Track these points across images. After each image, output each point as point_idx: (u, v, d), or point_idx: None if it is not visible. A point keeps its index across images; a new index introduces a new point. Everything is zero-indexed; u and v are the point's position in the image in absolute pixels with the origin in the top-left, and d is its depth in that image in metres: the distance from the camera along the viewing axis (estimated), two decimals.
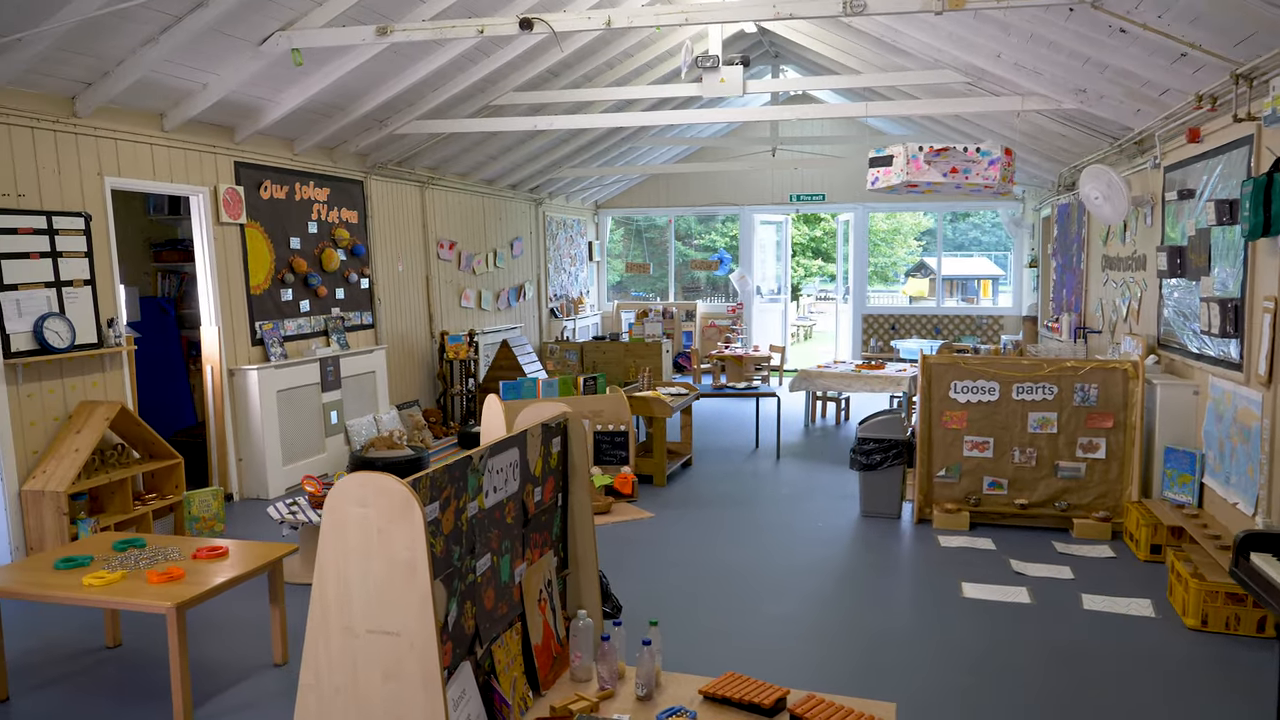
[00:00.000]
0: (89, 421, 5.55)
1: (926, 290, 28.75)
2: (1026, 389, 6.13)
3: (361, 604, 2.67)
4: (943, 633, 4.48)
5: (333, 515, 2.65)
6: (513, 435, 3.43)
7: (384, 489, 2.60)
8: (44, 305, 5.47)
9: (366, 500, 2.62)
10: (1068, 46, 5.70)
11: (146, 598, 3.53)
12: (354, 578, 2.66)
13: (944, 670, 4.08)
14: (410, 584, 2.61)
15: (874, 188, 6.92)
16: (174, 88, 6.04)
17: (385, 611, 2.64)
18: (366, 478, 2.62)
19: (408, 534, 2.60)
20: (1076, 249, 9.14)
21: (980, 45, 6.49)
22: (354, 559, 2.65)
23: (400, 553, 2.61)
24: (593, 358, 11.55)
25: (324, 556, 2.68)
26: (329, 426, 7.65)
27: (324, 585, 2.69)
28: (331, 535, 2.66)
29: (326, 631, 2.71)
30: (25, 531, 5.31)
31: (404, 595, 2.62)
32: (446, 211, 9.98)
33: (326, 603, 2.70)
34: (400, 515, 2.60)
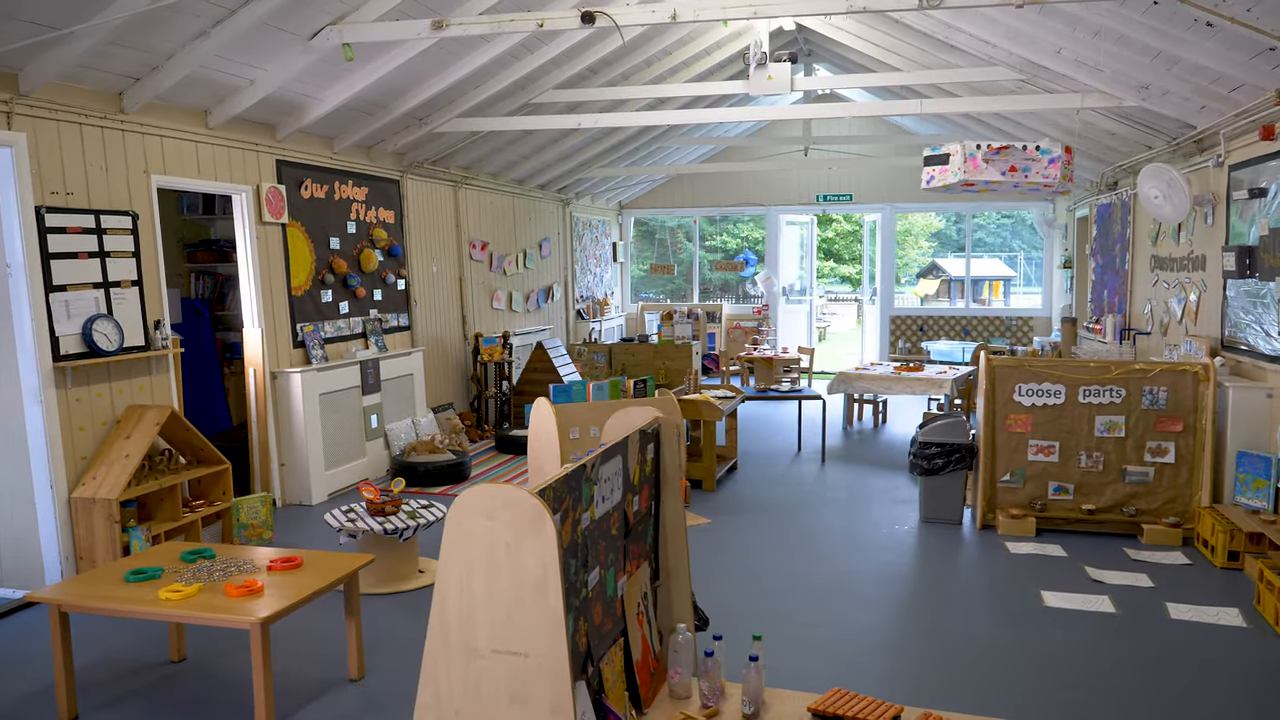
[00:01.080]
0: (138, 426, 5.39)
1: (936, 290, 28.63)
2: (1094, 392, 5.99)
3: (486, 623, 2.52)
4: (1032, 644, 4.34)
5: (457, 528, 2.51)
6: (618, 442, 3.28)
7: (513, 500, 2.46)
8: (92, 307, 5.32)
9: (494, 512, 2.48)
10: (1139, 41, 5.57)
11: (228, 612, 3.38)
12: (479, 595, 2.51)
13: (1045, 684, 3.94)
14: (540, 602, 2.47)
15: (929, 186, 6.79)
16: (221, 83, 5.90)
17: (513, 631, 2.50)
18: (494, 489, 2.47)
19: (539, 548, 2.45)
20: (1120, 249, 9.01)
21: (1041, 40, 6.35)
22: (479, 575, 2.51)
23: (530, 568, 2.46)
24: (621, 359, 11.41)
25: (446, 572, 2.53)
26: (369, 430, 7.50)
27: (445, 602, 2.55)
28: (455, 549, 2.52)
29: (448, 651, 2.57)
30: (74, 540, 5.16)
31: (533, 614, 2.47)
32: (479, 211, 9.83)
33: (448, 621, 2.56)
34: (530, 528, 2.45)
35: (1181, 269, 7.32)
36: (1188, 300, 7.13)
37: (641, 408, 3.76)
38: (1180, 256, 7.34)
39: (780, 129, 13.03)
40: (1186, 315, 7.15)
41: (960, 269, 29.68)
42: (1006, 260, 30.82)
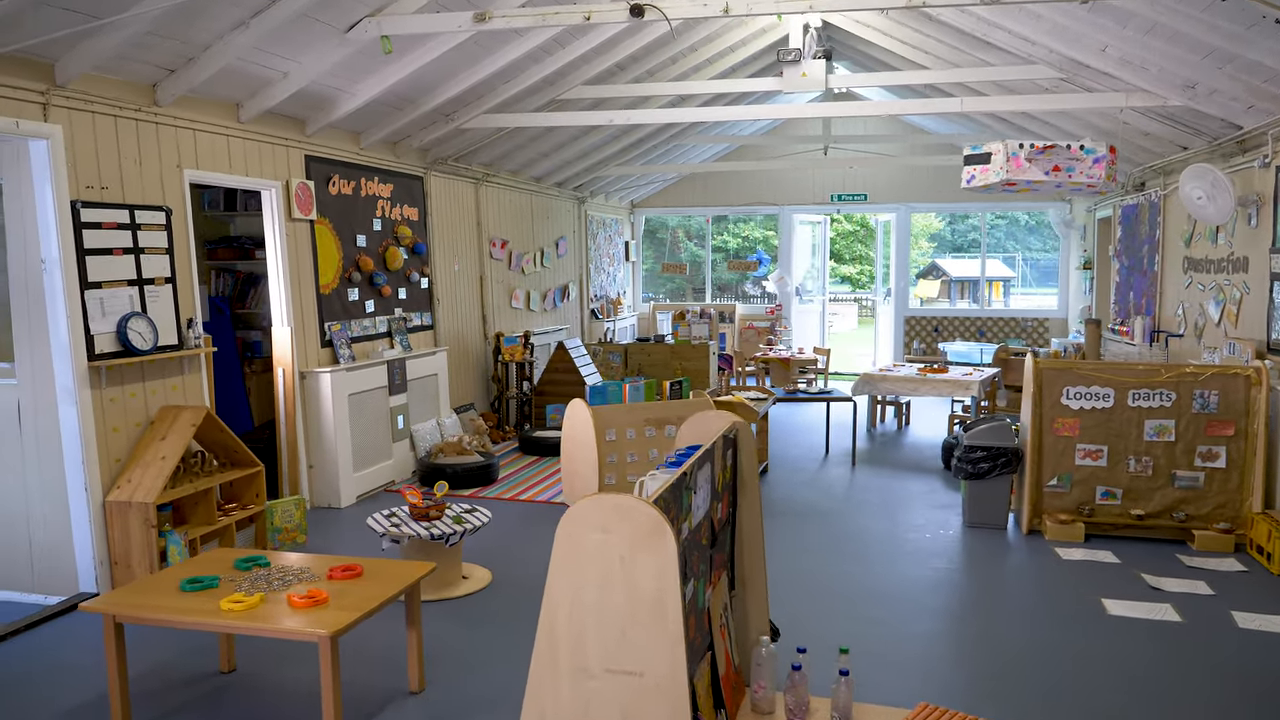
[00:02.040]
0: (173, 427, 5.24)
1: (937, 292, 28.59)
2: (1143, 395, 5.90)
3: (598, 641, 2.40)
4: (1101, 653, 4.24)
5: (568, 541, 2.38)
6: (708, 448, 3.16)
7: (629, 511, 2.34)
8: (126, 304, 5.16)
9: (609, 524, 2.35)
10: (1193, 38, 5.46)
11: (296, 624, 3.24)
12: (590, 612, 2.39)
13: (1122, 696, 3.84)
14: (659, 619, 2.34)
15: (969, 186, 6.69)
16: (255, 76, 5.75)
17: (627, 650, 2.37)
18: (608, 499, 2.35)
19: (657, 563, 2.33)
20: (1148, 251, 8.94)
21: (1087, 38, 6.25)
22: (591, 590, 2.38)
23: (647, 584, 2.34)
24: (637, 360, 11.27)
25: (555, 587, 2.41)
26: (396, 432, 7.36)
27: (554, 619, 2.43)
28: (565, 563, 2.39)
29: (555, 670, 2.45)
30: (109, 545, 5.01)
31: (651, 632, 2.35)
32: (499, 209, 9.69)
33: (556, 638, 2.43)
34: (648, 541, 2.33)
35: (1219, 271, 7.24)
36: (1226, 303, 7.05)
37: (718, 411, 3.64)
38: (1219, 258, 7.26)
39: (795, 128, 12.93)
40: (1225, 318, 7.07)
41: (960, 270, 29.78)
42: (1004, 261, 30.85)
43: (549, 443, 8.29)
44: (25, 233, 4.85)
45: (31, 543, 5.06)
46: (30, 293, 4.88)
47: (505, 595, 4.98)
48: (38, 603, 4.97)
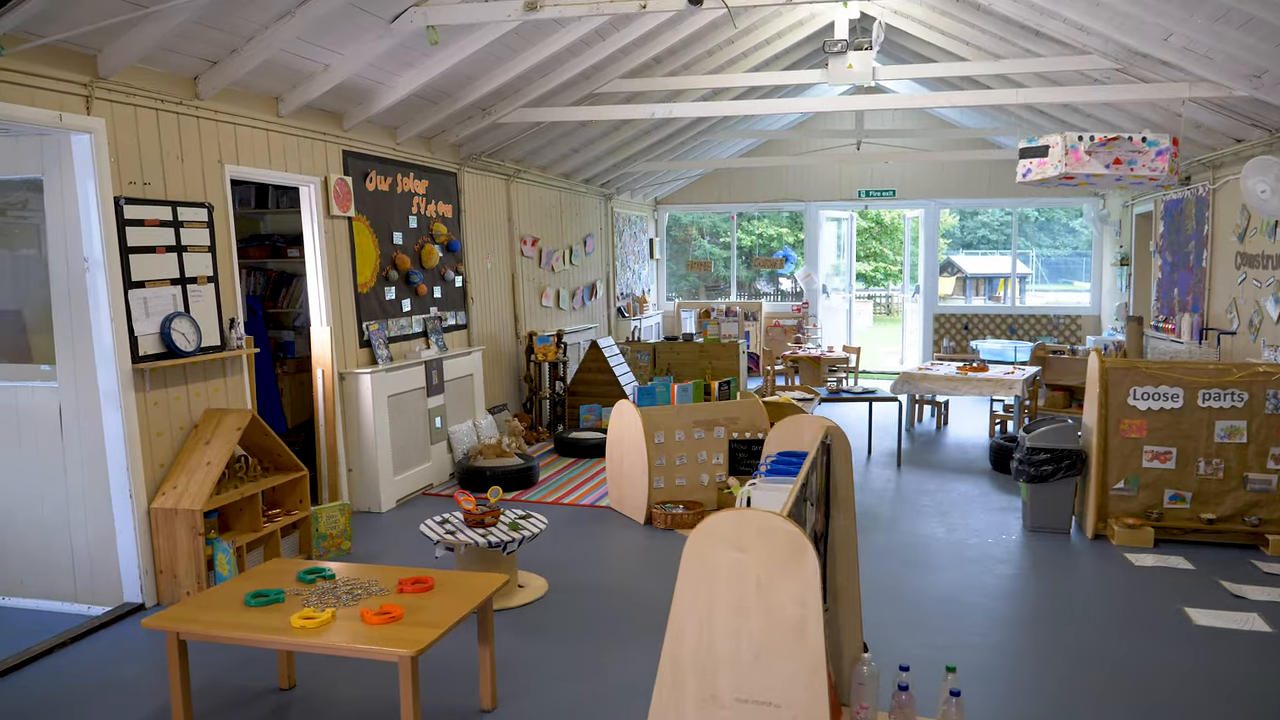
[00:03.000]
0: (217, 431, 5.07)
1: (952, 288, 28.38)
2: (1214, 395, 5.71)
3: (731, 669, 2.22)
4: (1197, 668, 4.06)
5: (697, 559, 2.21)
6: (814, 456, 2.98)
7: (767, 529, 2.16)
8: (169, 304, 4.99)
9: (745, 543, 2.17)
10: (1269, 22, 5.25)
11: (375, 643, 3.07)
12: (722, 637, 2.21)
13: (1226, 712, 3.65)
14: (799, 646, 2.17)
15: (1025, 180, 6.51)
16: (296, 69, 5.57)
17: (763, 678, 2.20)
18: (744, 516, 2.17)
19: (797, 586, 2.15)
20: (1195, 246, 8.74)
21: (1149, 25, 6.04)
22: (723, 614, 2.21)
23: (787, 608, 2.16)
24: (666, 359, 11.09)
25: (682, 610, 2.23)
26: (433, 433, 7.18)
27: (680, 644, 2.25)
28: (693, 585, 2.22)
29: (680, 699, 2.27)
30: (154, 553, 4.84)
31: (789, 659, 2.17)
32: (529, 206, 9.51)
33: (682, 665, 2.26)
34: (788, 563, 2.16)
35: (1279, 267, 7.04)
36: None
37: (811, 416, 3.46)
38: (1278, 254, 7.07)
39: (822, 122, 12.73)
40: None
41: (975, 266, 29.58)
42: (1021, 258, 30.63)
43: (586, 444, 8.11)
44: (67, 231, 4.68)
45: (73, 551, 4.89)
46: (72, 293, 4.71)
47: (563, 604, 4.80)
48: (81, 613, 4.80)
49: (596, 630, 4.47)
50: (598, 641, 4.34)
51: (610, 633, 4.44)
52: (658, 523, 6.13)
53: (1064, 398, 10.25)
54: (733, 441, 6.48)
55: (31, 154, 4.69)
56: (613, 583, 5.14)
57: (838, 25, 7.18)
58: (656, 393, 6.39)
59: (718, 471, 6.47)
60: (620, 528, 6.15)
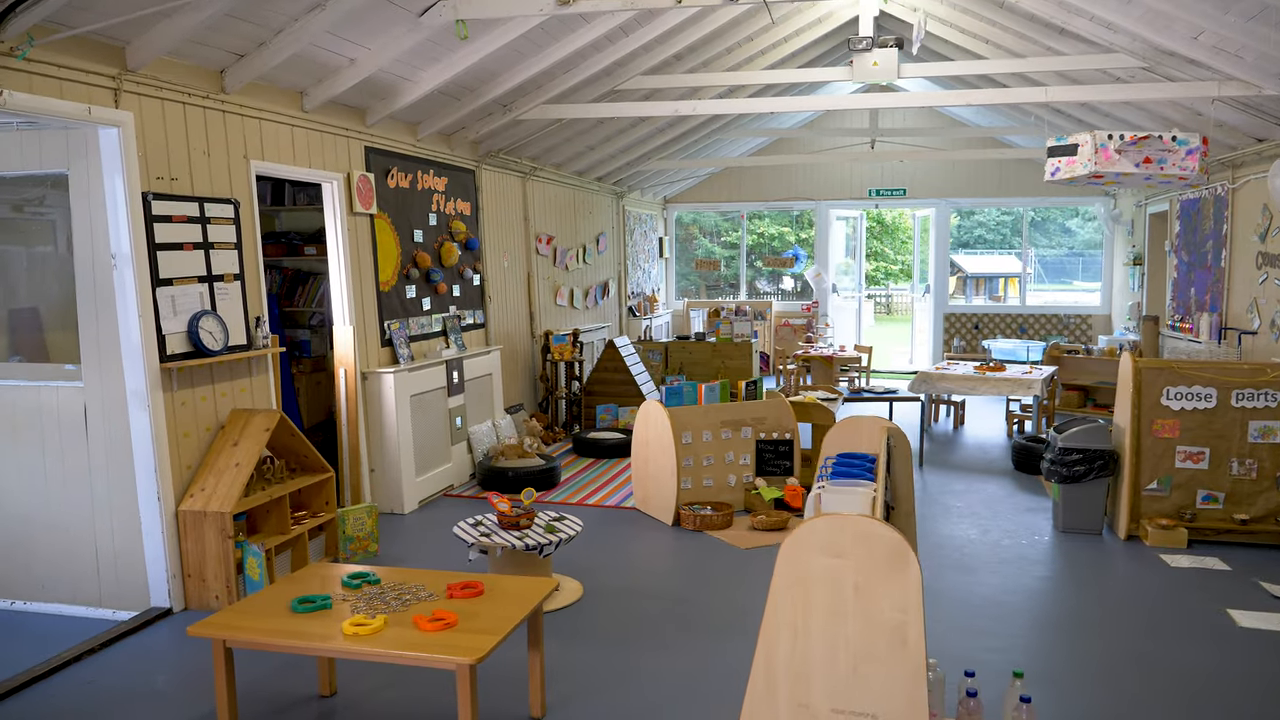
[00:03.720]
0: (245, 432, 4.98)
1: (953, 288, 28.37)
2: (1247, 395, 5.67)
3: (826, 677, 2.15)
4: (1251, 672, 4.00)
5: (792, 565, 2.14)
6: (885, 459, 2.92)
7: (867, 535, 2.09)
8: (196, 303, 4.90)
9: (842, 549, 2.11)
10: None
11: (432, 650, 2.99)
12: (817, 644, 2.15)
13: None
14: (899, 654, 2.10)
15: (1053, 179, 6.47)
16: (323, 63, 5.49)
17: (859, 688, 2.13)
18: (842, 521, 2.10)
19: (899, 592, 2.09)
20: (1213, 246, 8.70)
21: (1182, 23, 5.99)
22: (819, 621, 2.14)
23: (886, 615, 2.10)
24: (679, 358, 11.02)
25: (776, 617, 2.17)
26: (454, 434, 7.10)
27: (773, 651, 2.18)
28: (788, 589, 2.15)
29: (773, 707, 2.20)
30: (182, 556, 4.75)
31: (888, 667, 2.11)
32: (544, 204, 9.44)
33: (774, 672, 2.19)
34: (889, 568, 2.09)
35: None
36: None
37: (868, 418, 3.40)
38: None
39: (834, 120, 12.67)
40: None
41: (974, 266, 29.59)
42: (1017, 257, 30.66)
43: (606, 444, 8.04)
44: (94, 227, 4.59)
45: (98, 554, 4.80)
46: (99, 291, 4.62)
47: (601, 607, 4.73)
48: (106, 618, 4.71)
49: (638, 634, 4.40)
50: (640, 646, 4.27)
51: (652, 637, 4.37)
52: (686, 524, 6.06)
53: (1079, 397, 10.22)
54: (760, 441, 6.41)
55: (56, 148, 4.59)
56: (648, 586, 5.07)
57: (863, 22, 7.12)
58: (683, 393, 6.32)
59: (745, 472, 6.40)
60: (648, 529, 6.08)
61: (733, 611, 4.66)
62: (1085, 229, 30.46)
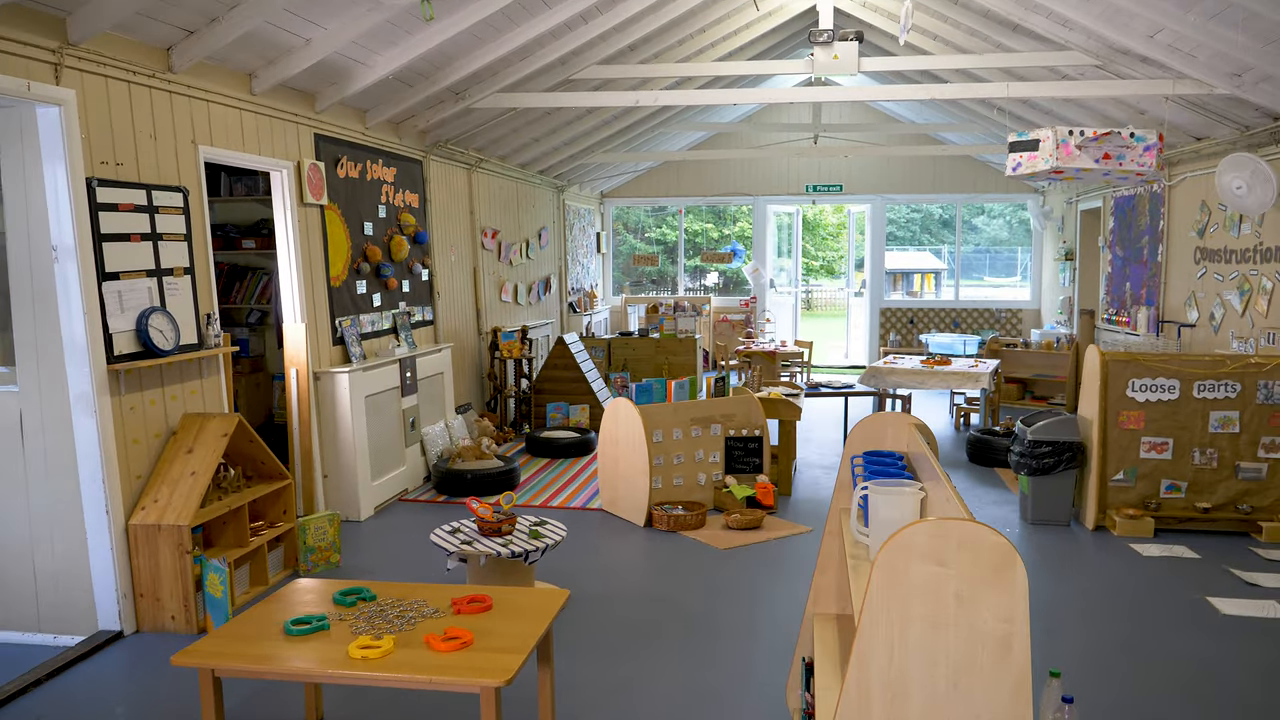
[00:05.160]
0: (200, 438, 4.63)
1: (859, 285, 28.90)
2: (1209, 387, 5.79)
3: (924, 692, 2.02)
4: (1250, 660, 4.05)
5: (889, 574, 1.99)
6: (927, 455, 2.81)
7: (971, 540, 1.96)
8: (145, 298, 4.52)
9: (946, 557, 1.97)
10: (1269, 18, 5.28)
11: (453, 672, 2.76)
12: (915, 658, 2.01)
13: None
14: (1002, 665, 1.98)
15: (1015, 174, 6.52)
16: (277, 43, 5.14)
17: (959, 702, 2.00)
18: (946, 526, 1.97)
19: (1004, 600, 1.96)
20: (1149, 241, 8.96)
21: (1141, 20, 6.07)
22: (917, 633, 2.00)
23: (990, 625, 1.97)
24: (622, 355, 10.86)
25: (871, 632, 2.02)
26: (408, 436, 6.79)
27: (868, 666, 2.04)
28: (885, 601, 2.00)
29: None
30: (133, 574, 4.37)
31: (990, 680, 1.99)
32: (489, 197, 9.15)
33: (869, 690, 2.04)
34: (993, 576, 1.97)
35: (1243, 261, 7.23)
36: (1253, 292, 7.04)
37: (892, 414, 3.29)
38: (1242, 249, 7.26)
39: (773, 115, 12.67)
40: (1252, 308, 7.07)
41: (893, 262, 30.20)
42: (935, 252, 31.45)
43: (560, 443, 7.82)
44: (30, 216, 4.18)
45: (37, 574, 4.39)
46: (37, 286, 4.22)
47: (590, 615, 4.53)
48: (47, 644, 4.31)
49: (634, 643, 4.23)
50: (640, 655, 4.09)
51: (649, 645, 4.20)
52: (659, 525, 5.90)
53: (1018, 390, 10.42)
54: (729, 439, 6.30)
55: None
56: (634, 590, 4.90)
57: (823, 15, 7.07)
58: (653, 390, 6.16)
59: (714, 470, 6.28)
60: (621, 531, 5.90)
61: (727, 615, 4.53)
62: (992, 225, 31.39)
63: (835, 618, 3.32)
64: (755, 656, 4.07)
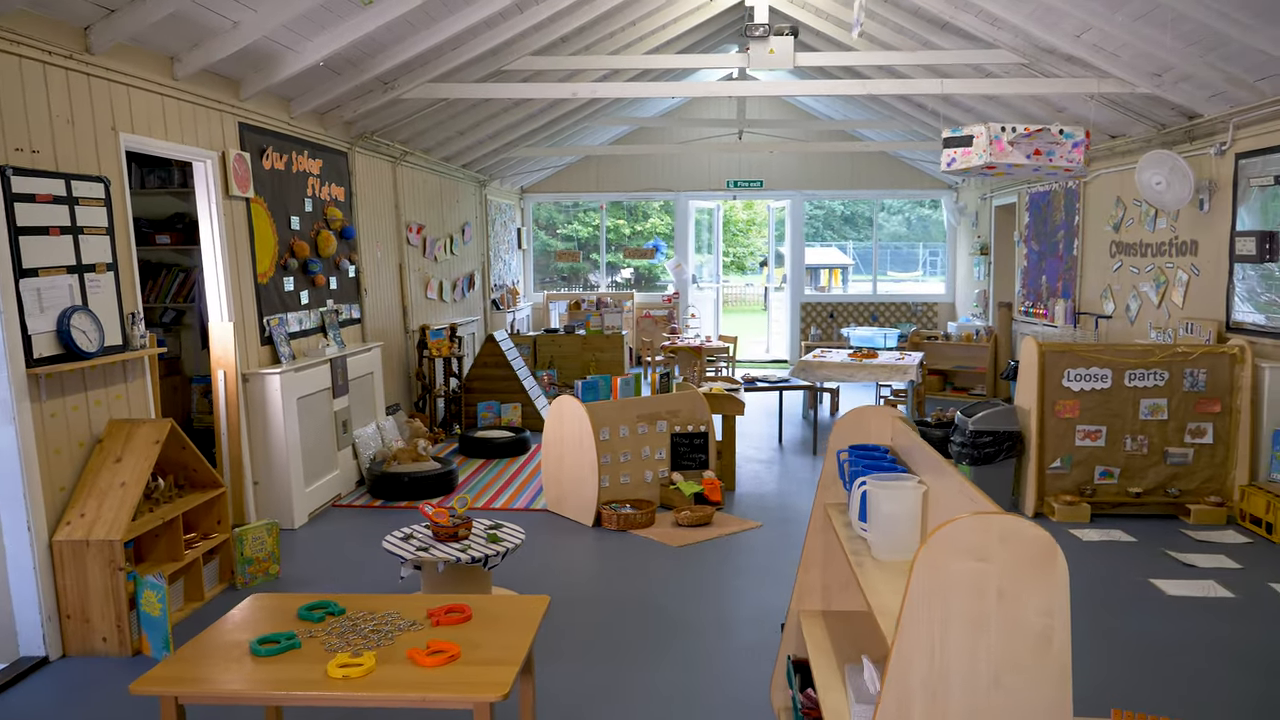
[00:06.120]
0: (129, 445, 4.32)
1: (778, 280, 29.30)
2: (1139, 375, 5.99)
3: (964, 691, 1.97)
4: (1189, 636, 4.18)
5: (930, 574, 1.94)
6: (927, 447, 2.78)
7: (1013, 535, 1.92)
8: (66, 296, 4.20)
9: (988, 552, 1.93)
10: (1198, 21, 5.46)
11: (445, 689, 2.61)
12: (955, 658, 1.96)
13: (1244, 680, 3.77)
14: (1043, 658, 1.95)
15: (949, 169, 6.61)
16: (203, 24, 4.84)
17: (1000, 698, 1.96)
18: (988, 521, 1.92)
19: (1045, 594, 1.93)
20: (1065, 236, 9.26)
21: (1071, 19, 6.23)
22: (957, 631, 1.96)
23: (1031, 619, 1.94)
24: (548, 352, 10.71)
25: (911, 635, 1.96)
26: (340, 439, 6.52)
27: (907, 670, 1.98)
28: (925, 603, 1.95)
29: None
30: (59, 595, 4.05)
31: (1031, 675, 1.95)
32: (414, 192, 8.87)
33: (909, 694, 1.99)
34: (1035, 570, 1.93)
35: (1159, 254, 7.53)
36: (1169, 284, 7.34)
37: (875, 408, 3.26)
38: (1157, 242, 7.55)
39: (695, 110, 12.66)
40: (1167, 300, 7.36)
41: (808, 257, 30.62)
42: (841, 248, 32.09)
43: (496, 443, 7.64)
44: None
45: None
46: None
47: (555, 620, 4.39)
48: None
49: (605, 647, 4.11)
50: (613, 659, 3.99)
51: (621, 648, 4.09)
52: (609, 524, 5.79)
53: (939, 381, 10.67)
54: (675, 435, 6.23)
55: None
56: (594, 593, 4.78)
57: (758, 10, 7.05)
58: (600, 388, 6.05)
59: (660, 467, 6.20)
60: (570, 532, 5.77)
61: (693, 614, 4.46)
62: (891, 222, 32.20)
63: (822, 614, 3.28)
64: (730, 655, 4.01)
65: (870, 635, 3.06)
